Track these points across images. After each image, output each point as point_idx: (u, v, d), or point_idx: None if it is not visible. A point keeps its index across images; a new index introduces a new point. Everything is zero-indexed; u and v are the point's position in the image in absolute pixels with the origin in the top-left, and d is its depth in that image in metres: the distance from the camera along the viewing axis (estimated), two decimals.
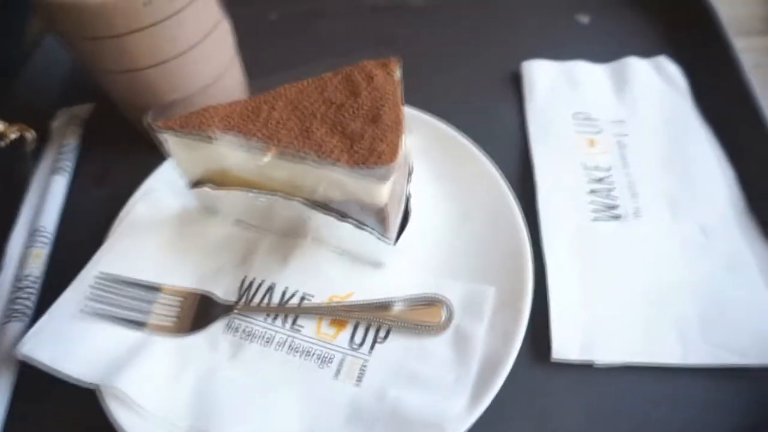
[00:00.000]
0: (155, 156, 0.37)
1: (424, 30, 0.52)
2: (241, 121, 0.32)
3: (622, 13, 0.52)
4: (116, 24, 0.35)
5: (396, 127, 0.31)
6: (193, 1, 0.37)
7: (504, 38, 0.51)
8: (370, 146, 0.30)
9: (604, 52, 0.48)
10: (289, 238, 0.37)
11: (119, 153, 0.45)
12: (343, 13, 0.54)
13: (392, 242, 0.34)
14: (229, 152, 0.33)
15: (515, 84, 0.47)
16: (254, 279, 0.36)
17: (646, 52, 0.47)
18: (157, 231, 0.38)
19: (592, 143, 0.42)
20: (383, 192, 0.30)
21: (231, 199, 0.36)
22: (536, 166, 0.40)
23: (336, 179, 0.31)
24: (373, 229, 0.33)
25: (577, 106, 0.44)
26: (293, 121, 0.32)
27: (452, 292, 0.34)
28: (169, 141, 0.33)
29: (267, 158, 0.31)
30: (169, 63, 0.38)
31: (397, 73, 0.33)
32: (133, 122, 0.44)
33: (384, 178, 0.29)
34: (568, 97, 0.44)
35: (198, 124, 0.32)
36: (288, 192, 0.34)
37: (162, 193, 0.39)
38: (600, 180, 0.40)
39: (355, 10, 0.54)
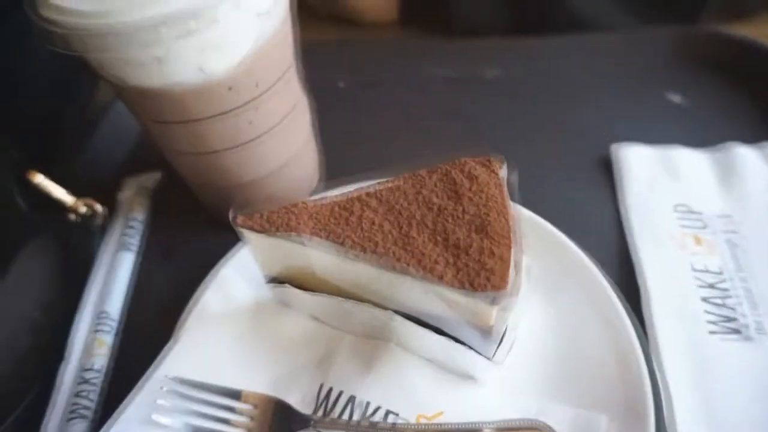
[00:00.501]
0: (224, 233, 0.34)
1: (498, 105, 0.49)
2: (332, 222, 0.30)
3: (717, 90, 0.49)
4: (197, 109, 0.33)
5: (505, 240, 0.28)
6: (277, 82, 0.35)
7: (585, 114, 0.48)
8: (478, 261, 0.27)
9: (699, 135, 0.44)
10: (370, 340, 0.34)
11: (187, 227, 0.43)
12: (413, 83, 0.52)
13: (489, 356, 0.31)
14: (317, 254, 0.30)
15: (604, 168, 0.44)
16: (333, 387, 0.33)
17: (748, 136, 0.43)
18: (229, 327, 0.35)
19: (698, 241, 0.38)
20: (491, 314, 0.27)
21: (313, 300, 0.33)
22: (641, 266, 0.37)
23: (437, 294, 0.28)
24: (470, 345, 0.30)
25: (678, 198, 0.40)
26: (389, 224, 0.29)
27: (557, 419, 0.30)
28: (251, 236, 0.31)
29: (360, 266, 0.29)
30: (246, 145, 0.36)
31: (502, 173, 0.30)
32: (202, 199, 0.42)
33: (494, 303, 0.26)
34: (668, 187, 0.41)
35: (285, 224, 0.30)
36: (377, 300, 0.31)
37: (234, 282, 0.36)
38: (712, 285, 0.36)
39: (427, 80, 0.52)
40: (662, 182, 0.41)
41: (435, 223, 0.29)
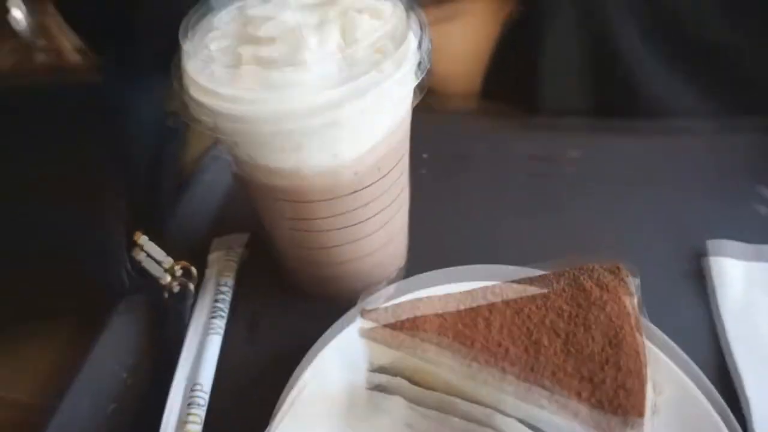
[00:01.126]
0: (309, 304, 0.34)
1: (584, 189, 0.48)
2: (459, 323, 0.29)
3: None
4: (320, 191, 0.33)
5: (640, 357, 0.27)
6: (395, 166, 0.36)
7: (672, 204, 0.47)
8: (615, 379, 0.26)
9: None
10: None
11: (273, 297, 0.42)
12: (498, 158, 0.52)
13: None
14: (440, 353, 0.29)
15: (697, 265, 0.43)
16: None
17: None
18: (325, 421, 0.34)
19: None
20: None
21: (424, 396, 0.32)
22: (741, 380, 0.36)
23: (569, 410, 0.27)
24: None
25: None
26: (518, 329, 0.29)
27: None
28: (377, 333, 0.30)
29: (488, 374, 0.28)
30: (355, 227, 0.36)
31: (633, 285, 0.30)
32: (291, 269, 0.42)
33: (632, 428, 0.26)
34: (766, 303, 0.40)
35: (411, 326, 0.29)
36: (494, 405, 0.30)
37: (332, 366, 0.35)
38: None
39: (511, 157, 0.52)
40: (759, 297, 0.40)
41: (567, 333, 0.28)
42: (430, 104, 0.41)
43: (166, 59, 0.34)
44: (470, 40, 0.58)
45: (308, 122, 0.28)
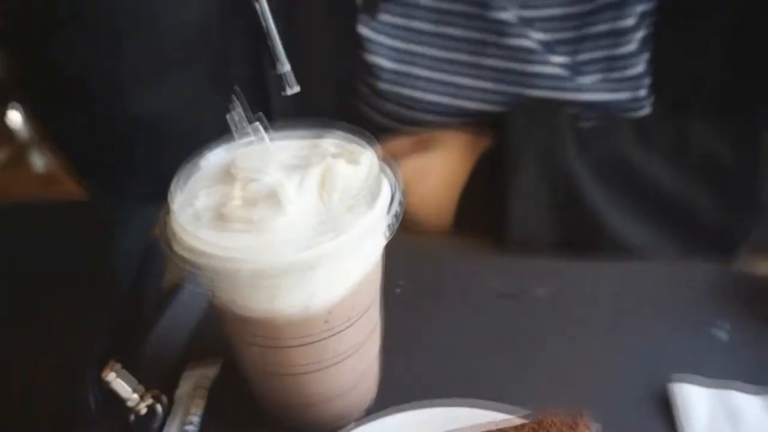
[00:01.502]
0: None
1: (551, 327, 0.51)
2: None
3: (761, 328, 0.51)
4: (291, 335, 0.35)
5: None
6: (366, 310, 0.37)
7: (635, 343, 0.49)
8: None
9: (747, 374, 0.46)
10: None
11: (245, 428, 0.42)
12: (468, 294, 0.54)
13: None
14: None
15: (660, 404, 0.44)
16: None
17: None
18: None
19: None
20: None
21: None
22: None
23: None
24: None
25: None
26: None
27: None
28: None
29: None
30: (326, 369, 0.37)
31: None
32: (262, 404, 0.42)
33: None
34: None
35: None
36: None
37: None
38: None
39: (481, 293, 0.54)
40: (724, 428, 0.41)
41: None
42: (404, 238, 0.44)
43: (157, 191, 0.36)
44: (446, 171, 0.62)
45: (283, 277, 0.30)
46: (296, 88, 0.38)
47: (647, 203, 0.56)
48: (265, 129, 0.36)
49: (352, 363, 0.38)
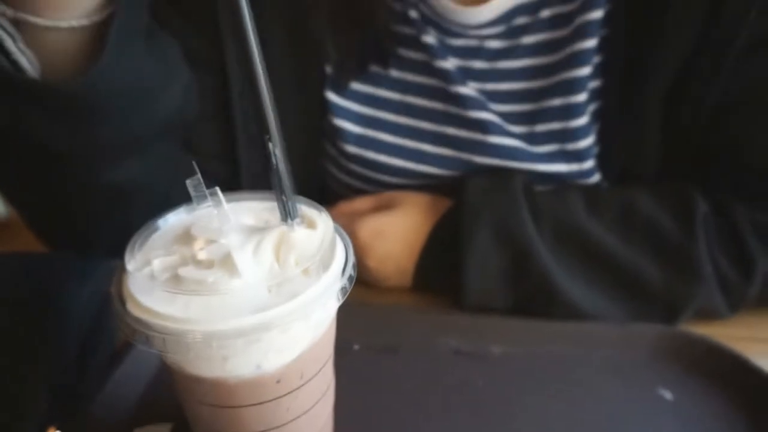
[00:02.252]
0: None
1: (504, 385, 0.52)
2: None
3: (701, 389, 0.53)
4: (243, 397, 0.35)
5: None
6: (318, 372, 0.38)
7: (583, 403, 0.51)
8: None
9: None
10: None
11: None
12: (426, 352, 0.55)
13: None
14: None
15: None
16: None
17: None
18: None
19: None
20: None
21: None
22: None
23: None
24: None
25: None
26: None
27: None
28: None
29: None
30: (278, 429, 0.38)
31: None
32: None
33: None
34: None
35: None
36: None
37: None
38: None
39: (438, 351, 0.55)
40: None
41: None
42: (363, 294, 0.45)
43: (113, 248, 0.37)
44: (406, 231, 0.64)
45: (236, 339, 0.31)
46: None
47: (598, 269, 0.59)
48: (223, 194, 0.37)
49: (306, 422, 0.38)
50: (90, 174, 0.50)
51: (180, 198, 0.38)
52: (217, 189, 0.36)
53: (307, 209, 0.39)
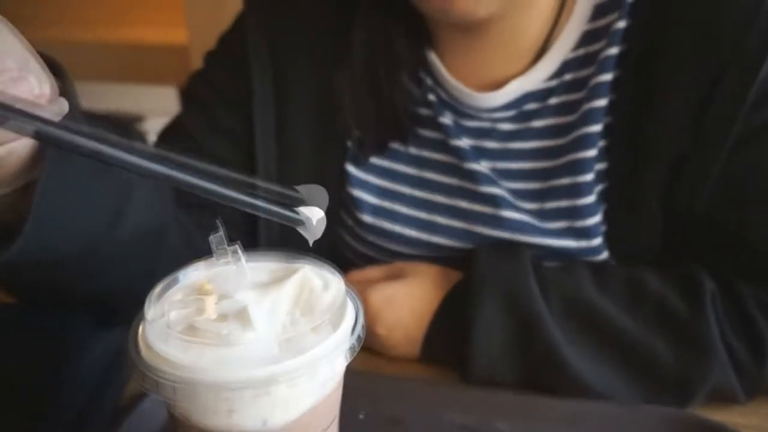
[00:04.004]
0: None
1: None
2: None
3: None
4: None
5: None
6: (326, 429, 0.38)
7: None
8: None
9: None
10: None
11: None
12: (430, 424, 0.54)
13: None
14: None
15: None
16: None
17: None
18: None
19: None
20: None
21: None
22: None
23: None
24: None
25: None
26: None
27: None
28: None
29: None
30: None
31: None
32: None
33: None
34: None
35: None
36: None
37: None
38: None
39: (443, 424, 0.54)
40: None
41: None
42: (371, 364, 0.45)
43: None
44: (416, 301, 0.65)
45: (243, 391, 0.32)
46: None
47: (607, 346, 0.59)
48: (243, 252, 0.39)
49: None
50: (67, 291, 0.51)
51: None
52: (238, 246, 0.38)
53: (321, 271, 0.41)
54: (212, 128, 0.70)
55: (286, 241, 0.69)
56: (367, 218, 0.70)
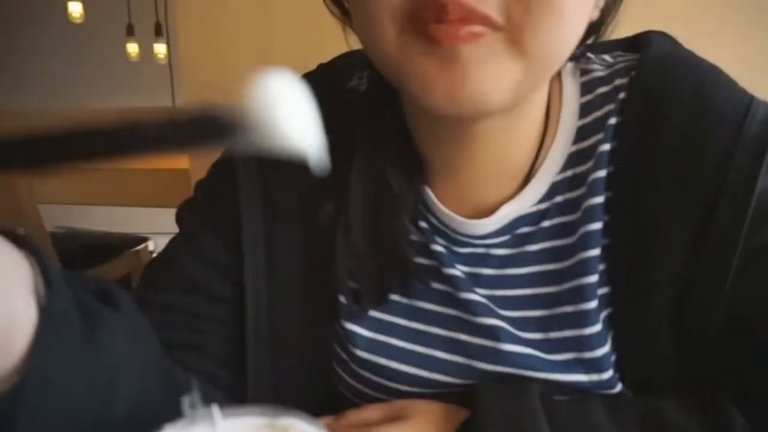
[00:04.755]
0: None
1: None
2: None
3: None
4: None
5: None
6: None
7: None
8: None
9: None
10: None
11: None
12: None
13: None
14: None
15: None
16: None
17: None
18: None
19: None
20: None
21: None
22: None
23: None
24: None
25: None
26: None
27: None
28: None
29: None
30: None
31: None
32: None
33: None
34: None
35: None
36: None
37: None
38: None
39: None
40: None
41: None
42: None
43: None
44: None
45: None
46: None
47: None
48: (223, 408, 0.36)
49: None
50: None
51: None
52: (214, 408, 0.35)
53: (305, 426, 0.38)
54: (201, 259, 0.68)
55: (275, 379, 0.65)
56: (361, 353, 0.67)
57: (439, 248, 0.66)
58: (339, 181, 0.66)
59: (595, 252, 0.61)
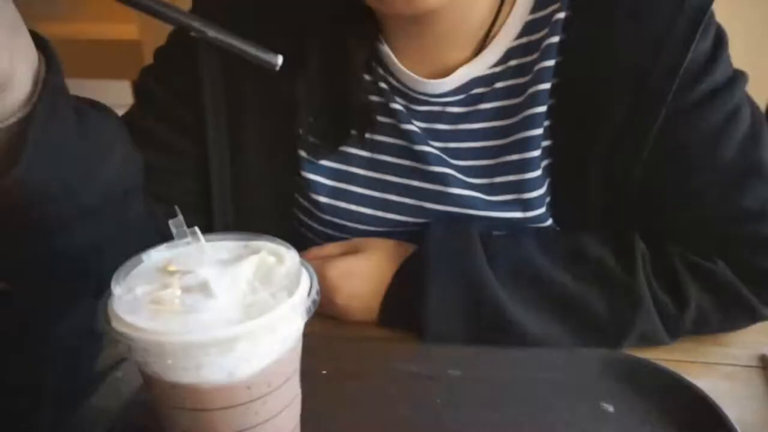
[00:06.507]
0: None
1: (461, 403, 0.57)
2: None
3: (639, 401, 0.58)
4: (214, 402, 0.40)
5: None
6: (285, 381, 0.43)
7: (535, 417, 0.56)
8: None
9: None
10: None
11: None
12: (389, 377, 0.60)
13: None
14: None
15: None
16: None
17: None
18: None
19: None
20: None
21: None
22: None
23: None
24: None
25: None
26: None
27: None
28: None
29: None
30: (248, 430, 0.42)
31: None
32: None
33: None
34: None
35: None
36: None
37: None
38: None
39: (401, 375, 0.60)
40: None
41: None
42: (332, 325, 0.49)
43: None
44: (372, 272, 0.71)
45: (208, 349, 0.37)
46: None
47: (548, 302, 0.65)
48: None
49: (273, 427, 0.43)
50: (43, 242, 0.54)
51: None
52: (197, 228, 0.42)
53: (276, 246, 0.45)
54: (163, 119, 0.72)
55: (240, 225, 0.73)
56: (323, 199, 0.75)
57: (397, 106, 0.72)
58: (297, 37, 0.70)
59: (542, 109, 0.68)
